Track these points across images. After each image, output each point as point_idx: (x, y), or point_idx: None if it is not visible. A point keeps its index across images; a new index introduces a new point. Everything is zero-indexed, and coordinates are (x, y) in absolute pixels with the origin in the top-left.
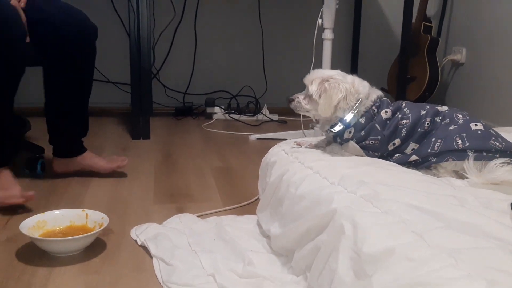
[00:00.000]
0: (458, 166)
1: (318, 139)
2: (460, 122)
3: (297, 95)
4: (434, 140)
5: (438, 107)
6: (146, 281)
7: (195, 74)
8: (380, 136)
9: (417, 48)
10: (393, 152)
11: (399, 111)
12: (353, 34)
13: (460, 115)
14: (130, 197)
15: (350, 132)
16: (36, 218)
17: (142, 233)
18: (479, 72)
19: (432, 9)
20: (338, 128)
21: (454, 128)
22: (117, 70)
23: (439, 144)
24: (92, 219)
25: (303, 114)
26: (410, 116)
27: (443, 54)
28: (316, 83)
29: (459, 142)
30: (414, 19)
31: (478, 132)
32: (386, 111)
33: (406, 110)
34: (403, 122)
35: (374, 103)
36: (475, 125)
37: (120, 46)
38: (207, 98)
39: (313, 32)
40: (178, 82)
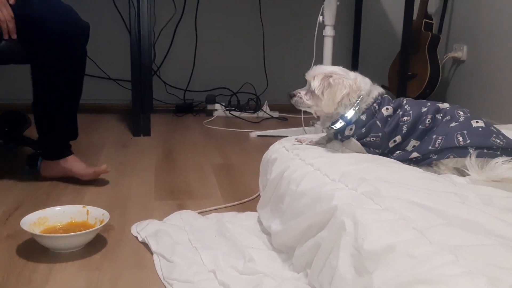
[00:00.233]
0: (459, 163)
1: (318, 136)
2: (461, 119)
3: (298, 91)
4: (435, 137)
5: (439, 104)
6: (147, 277)
7: (196, 71)
8: (381, 133)
9: (418, 45)
10: (394, 149)
11: (400, 108)
12: (354, 31)
13: (461, 112)
14: (130, 193)
15: (351, 129)
16: (37, 215)
17: (143, 229)
18: (480, 69)
19: (433, 6)
20: (339, 125)
21: (455, 125)
22: (117, 67)
23: (440, 141)
24: (93, 216)
25: (304, 110)
26: (411, 113)
27: (444, 51)
28: (318, 79)
29: (460, 139)
30: (415, 16)
31: (479, 129)
32: (387, 108)
33: (407, 107)
34: (404, 119)
35: (375, 100)
36: (476, 122)
37: (120, 43)
38: (208, 95)
39: (314, 29)
40: (179, 79)
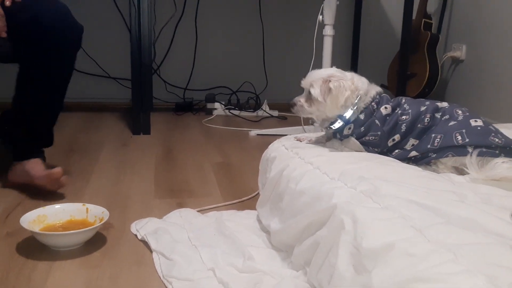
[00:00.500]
0: (458, 162)
1: (318, 135)
2: (459, 118)
3: (298, 99)
4: (434, 136)
5: (438, 103)
6: (146, 275)
7: (196, 70)
8: (380, 132)
9: (417, 44)
10: (393, 148)
11: (399, 107)
12: (353, 30)
13: (460, 111)
14: (130, 191)
15: (349, 128)
16: (36, 212)
17: (142, 227)
18: (479, 69)
19: (432, 6)
20: (337, 125)
21: (454, 124)
22: (117, 66)
23: (439, 140)
24: (92, 214)
25: (307, 115)
26: (410, 112)
27: (443, 51)
28: (317, 85)
29: (459, 138)
30: (414, 16)
31: (478, 128)
32: (385, 107)
33: (406, 106)
34: (403, 118)
35: (374, 99)
36: (475, 121)
37: (120, 41)
38: (208, 94)
39: (313, 28)
40: (179, 77)
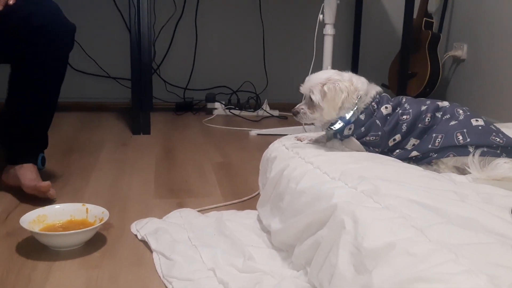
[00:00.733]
0: (459, 161)
1: (318, 135)
2: (461, 117)
3: (300, 106)
4: (435, 135)
5: (438, 103)
6: (146, 275)
7: (196, 70)
8: (380, 132)
9: (418, 44)
10: (393, 147)
11: (400, 107)
12: (354, 29)
13: (461, 111)
14: (130, 191)
15: (350, 128)
16: (36, 212)
17: (143, 227)
18: (480, 68)
19: (433, 5)
20: (338, 125)
21: (455, 123)
22: (117, 65)
23: (440, 139)
24: (92, 214)
25: (311, 122)
26: (411, 111)
27: (444, 50)
28: (317, 90)
29: (460, 137)
30: (415, 15)
31: (479, 127)
32: (386, 107)
33: (407, 106)
34: (404, 118)
35: (374, 99)
36: (476, 120)
37: (120, 41)
38: (208, 94)
39: (314, 27)
40: (179, 77)
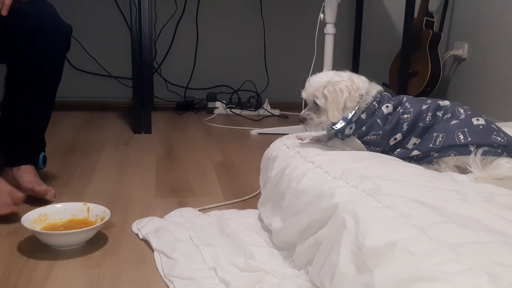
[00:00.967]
0: (460, 161)
1: (319, 134)
2: (462, 116)
3: (306, 113)
4: (436, 135)
5: (439, 102)
6: (148, 274)
7: (197, 69)
8: (381, 131)
9: (419, 43)
10: (394, 146)
11: (400, 106)
12: (355, 29)
13: (461, 110)
14: (131, 191)
15: (351, 128)
16: (38, 212)
17: (144, 227)
18: (481, 67)
19: (434, 4)
20: (339, 125)
21: (456, 122)
22: (118, 65)
23: (441, 139)
24: (93, 213)
25: (318, 126)
26: (412, 110)
27: (445, 49)
28: (320, 94)
29: (461, 137)
30: (416, 14)
31: (480, 127)
32: (387, 106)
33: (408, 105)
34: (405, 117)
35: (375, 98)
36: (477, 119)
37: (121, 40)
38: (209, 93)
39: (314, 26)
40: (180, 76)
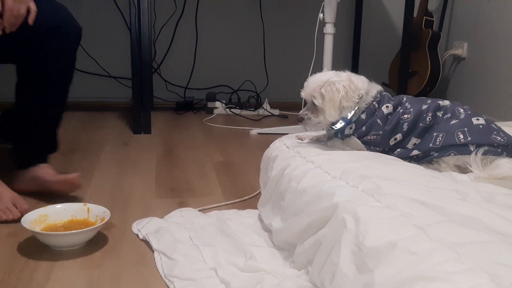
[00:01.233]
0: (460, 160)
1: (319, 134)
2: (461, 116)
3: (304, 113)
4: (435, 134)
5: (439, 101)
6: (148, 275)
7: (196, 69)
8: (381, 131)
9: (418, 42)
10: (394, 147)
11: (400, 106)
12: (354, 28)
13: (461, 110)
14: (131, 191)
15: (351, 128)
16: (37, 212)
17: (144, 227)
18: (481, 66)
19: (433, 3)
20: (339, 125)
21: (455, 122)
22: (118, 65)
23: (441, 138)
24: (93, 213)
25: (317, 126)
26: (412, 110)
27: (445, 48)
28: (318, 94)
29: (461, 136)
30: (415, 14)
31: (480, 126)
32: (387, 106)
33: (408, 105)
34: (405, 117)
35: (375, 98)
36: (477, 119)
37: (121, 40)
38: (208, 93)
39: (314, 26)
40: (179, 76)
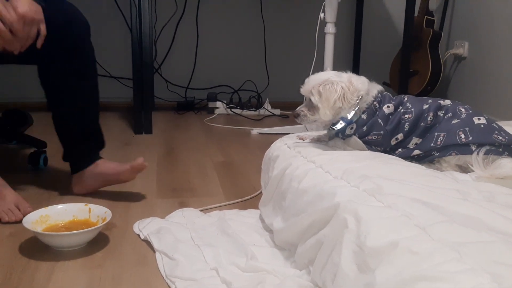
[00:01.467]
0: (461, 160)
1: (320, 133)
2: (463, 116)
3: (301, 109)
4: (437, 134)
5: (440, 101)
6: (149, 275)
7: (197, 69)
8: (382, 131)
9: (419, 42)
10: (395, 146)
11: (402, 106)
12: (355, 28)
13: (463, 109)
14: (132, 191)
15: (352, 128)
16: (39, 213)
17: (145, 227)
18: (482, 66)
19: (434, 3)
20: (340, 125)
21: (457, 122)
22: (119, 65)
23: (442, 138)
24: (95, 214)
25: (312, 124)
26: (413, 110)
27: (446, 48)
28: (316, 91)
29: (462, 136)
30: (416, 13)
31: (481, 126)
32: (388, 106)
33: (409, 105)
34: (406, 117)
35: (375, 98)
36: (478, 119)
37: (122, 40)
38: (209, 93)
39: (315, 26)
40: (180, 76)
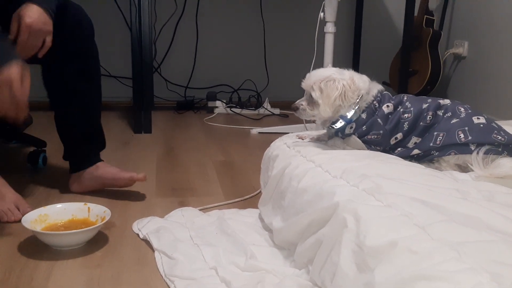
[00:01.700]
0: (460, 159)
1: (319, 133)
2: (462, 115)
3: (300, 102)
4: (436, 134)
5: (440, 101)
6: (148, 274)
7: (197, 68)
8: (382, 130)
9: (419, 41)
10: (395, 146)
11: (401, 105)
12: (355, 27)
13: (462, 109)
14: (132, 190)
15: (351, 127)
16: (38, 212)
17: (144, 226)
18: (481, 65)
19: (434, 2)
20: (339, 124)
21: (456, 121)
22: (118, 64)
23: (442, 138)
24: (94, 213)
25: (310, 119)
26: (412, 110)
27: (445, 47)
28: (317, 87)
29: (462, 135)
30: (416, 12)
31: (481, 125)
32: (387, 105)
33: (408, 104)
34: (405, 116)
35: (375, 98)
36: (477, 118)
37: (121, 40)
38: (209, 92)
39: (314, 25)
40: (180, 76)
